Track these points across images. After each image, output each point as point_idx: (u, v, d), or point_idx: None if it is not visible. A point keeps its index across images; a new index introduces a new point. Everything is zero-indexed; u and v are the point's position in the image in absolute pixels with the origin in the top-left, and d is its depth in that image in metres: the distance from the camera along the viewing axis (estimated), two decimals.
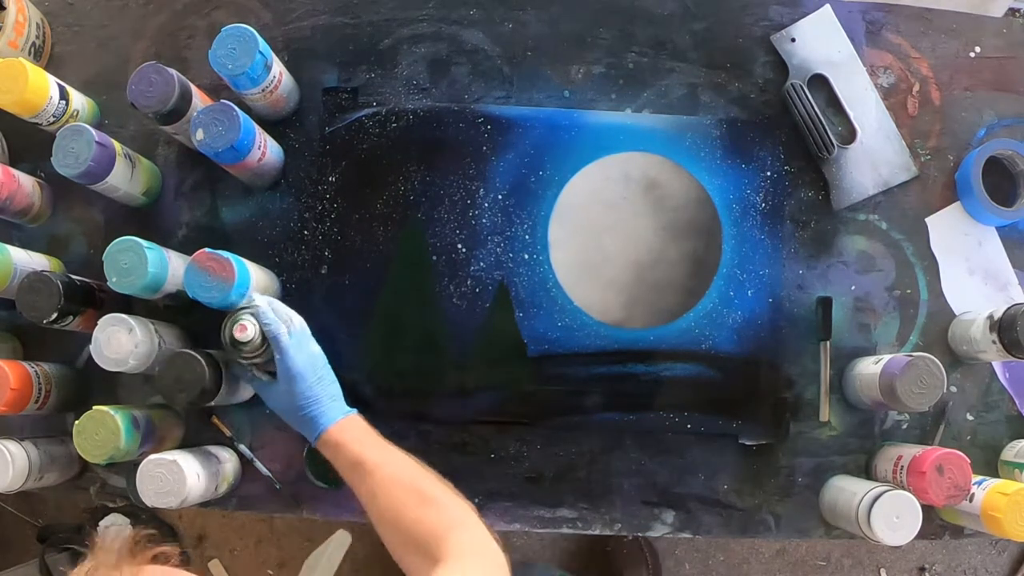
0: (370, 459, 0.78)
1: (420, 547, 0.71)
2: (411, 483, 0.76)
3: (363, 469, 0.77)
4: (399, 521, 0.74)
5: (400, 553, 0.74)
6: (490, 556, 0.72)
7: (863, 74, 1.02)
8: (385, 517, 0.75)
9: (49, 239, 1.00)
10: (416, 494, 0.75)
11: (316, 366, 0.83)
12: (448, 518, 0.73)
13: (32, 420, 0.97)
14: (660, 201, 0.99)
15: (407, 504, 0.74)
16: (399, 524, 0.74)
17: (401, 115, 1.00)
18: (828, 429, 0.97)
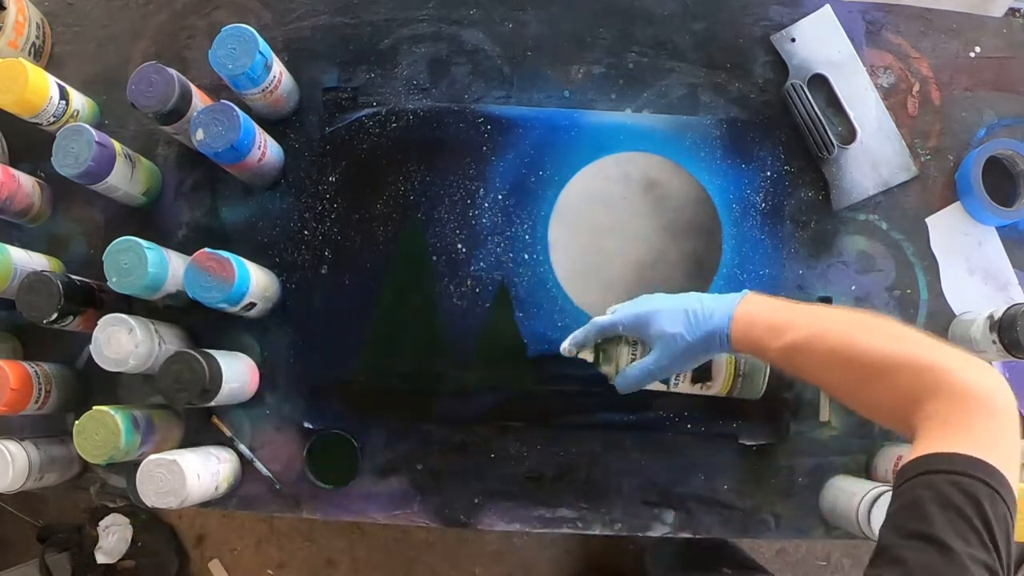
0: (797, 340, 0.68)
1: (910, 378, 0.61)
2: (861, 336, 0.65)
3: (800, 352, 0.68)
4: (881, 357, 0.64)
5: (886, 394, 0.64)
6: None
7: (863, 74, 1.02)
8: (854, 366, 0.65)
9: (49, 239, 1.00)
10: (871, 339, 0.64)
11: (654, 323, 0.76)
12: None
13: (32, 420, 0.97)
14: (660, 201, 0.99)
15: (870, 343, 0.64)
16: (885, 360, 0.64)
17: (401, 115, 1.00)
18: (828, 429, 0.97)
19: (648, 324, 0.78)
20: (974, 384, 0.59)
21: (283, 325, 0.98)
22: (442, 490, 0.97)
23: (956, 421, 0.58)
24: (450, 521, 0.97)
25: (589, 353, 0.85)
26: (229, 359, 0.90)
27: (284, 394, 0.98)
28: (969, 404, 0.58)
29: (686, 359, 0.78)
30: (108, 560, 1.63)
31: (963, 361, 0.61)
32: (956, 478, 0.54)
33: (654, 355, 0.78)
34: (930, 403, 0.59)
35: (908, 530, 0.53)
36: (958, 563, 0.50)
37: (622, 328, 0.81)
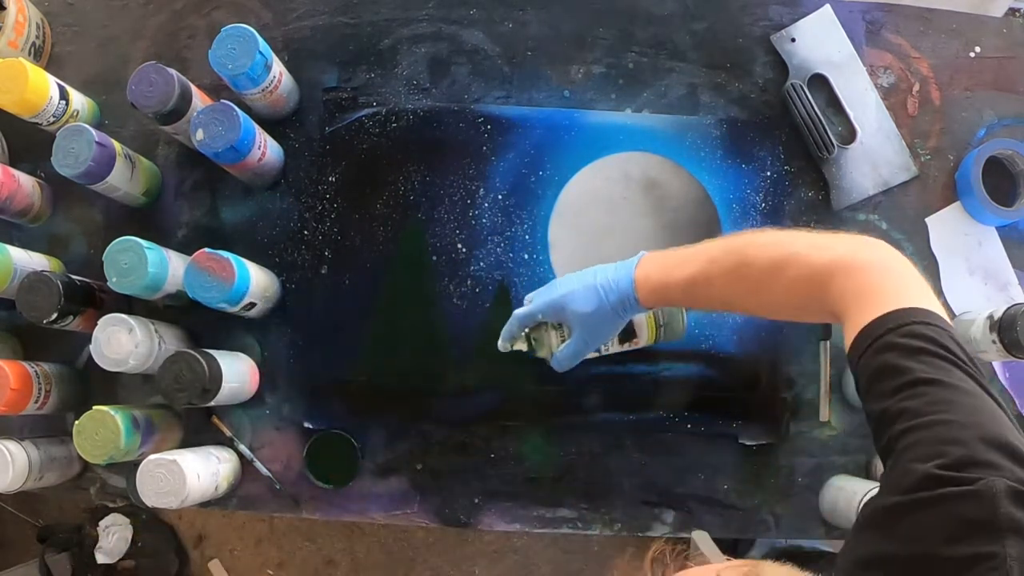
0: (693, 270, 0.73)
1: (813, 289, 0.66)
2: (753, 259, 0.70)
3: (697, 282, 0.73)
4: (774, 288, 0.69)
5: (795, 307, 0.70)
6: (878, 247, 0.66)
7: (863, 74, 1.02)
8: (757, 296, 0.71)
9: (49, 239, 1.00)
10: (769, 262, 0.69)
11: (567, 301, 0.80)
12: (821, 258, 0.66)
13: (32, 420, 0.97)
14: (660, 201, 0.99)
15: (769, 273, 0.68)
16: (776, 289, 0.69)
17: (401, 115, 1.00)
18: (828, 429, 0.97)
19: (563, 308, 0.81)
20: (863, 257, 0.64)
21: (283, 325, 0.98)
22: (442, 490, 0.97)
23: (867, 290, 0.62)
24: (450, 521, 0.97)
25: (522, 343, 0.87)
26: (229, 359, 0.90)
27: (284, 394, 0.98)
28: (869, 273, 0.63)
29: (607, 330, 0.82)
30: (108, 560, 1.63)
31: (843, 243, 0.67)
32: (902, 331, 0.57)
33: (577, 335, 0.82)
34: (834, 284, 0.64)
35: (892, 388, 0.55)
36: (953, 386, 0.53)
37: (541, 316, 0.84)
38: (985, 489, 0.46)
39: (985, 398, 0.53)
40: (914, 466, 0.49)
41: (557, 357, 0.85)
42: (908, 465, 0.50)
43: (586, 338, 0.82)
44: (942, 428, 0.50)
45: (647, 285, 0.77)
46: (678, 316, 0.88)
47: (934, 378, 0.54)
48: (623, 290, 0.78)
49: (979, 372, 0.55)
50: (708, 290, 0.73)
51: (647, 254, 0.79)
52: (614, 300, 0.78)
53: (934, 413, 0.52)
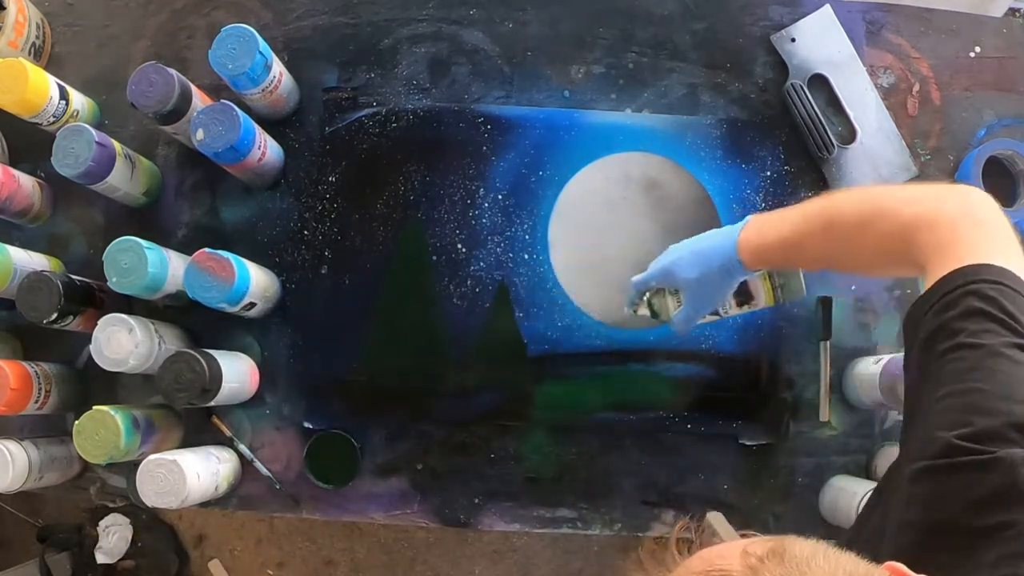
0: (787, 232, 0.73)
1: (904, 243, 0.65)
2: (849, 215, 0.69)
3: (791, 243, 0.73)
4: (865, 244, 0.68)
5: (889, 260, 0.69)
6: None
7: (863, 74, 1.02)
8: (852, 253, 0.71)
9: (49, 239, 1.00)
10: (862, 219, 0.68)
11: (679, 269, 0.81)
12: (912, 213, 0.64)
13: (32, 420, 0.97)
14: (660, 201, 0.99)
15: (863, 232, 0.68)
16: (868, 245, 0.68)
17: (401, 115, 1.00)
18: (828, 429, 0.97)
19: (672, 275, 0.82)
20: (949, 209, 0.62)
21: (283, 325, 0.98)
22: (442, 490, 0.97)
23: (949, 244, 0.60)
24: (450, 521, 0.97)
25: (645, 308, 0.88)
26: (229, 359, 0.90)
27: (284, 394, 0.98)
28: (952, 225, 0.61)
29: (716, 294, 0.82)
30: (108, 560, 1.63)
31: (931, 194, 0.65)
32: (969, 288, 0.56)
33: (688, 300, 0.83)
34: (919, 238, 0.63)
35: (941, 350, 0.55)
36: (997, 353, 0.52)
37: (655, 283, 0.85)
38: (1005, 457, 0.46)
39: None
40: (939, 434, 0.49)
41: (673, 321, 0.85)
42: (935, 432, 0.50)
43: (696, 302, 0.83)
44: (975, 397, 0.50)
45: (748, 247, 0.76)
46: (795, 276, 0.87)
47: (981, 343, 0.53)
48: (726, 254, 0.78)
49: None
50: (802, 250, 0.73)
51: (754, 216, 0.79)
52: (718, 264, 0.78)
53: (971, 380, 0.51)
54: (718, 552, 0.44)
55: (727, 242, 0.78)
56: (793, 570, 0.39)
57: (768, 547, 0.41)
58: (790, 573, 0.39)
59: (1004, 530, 0.44)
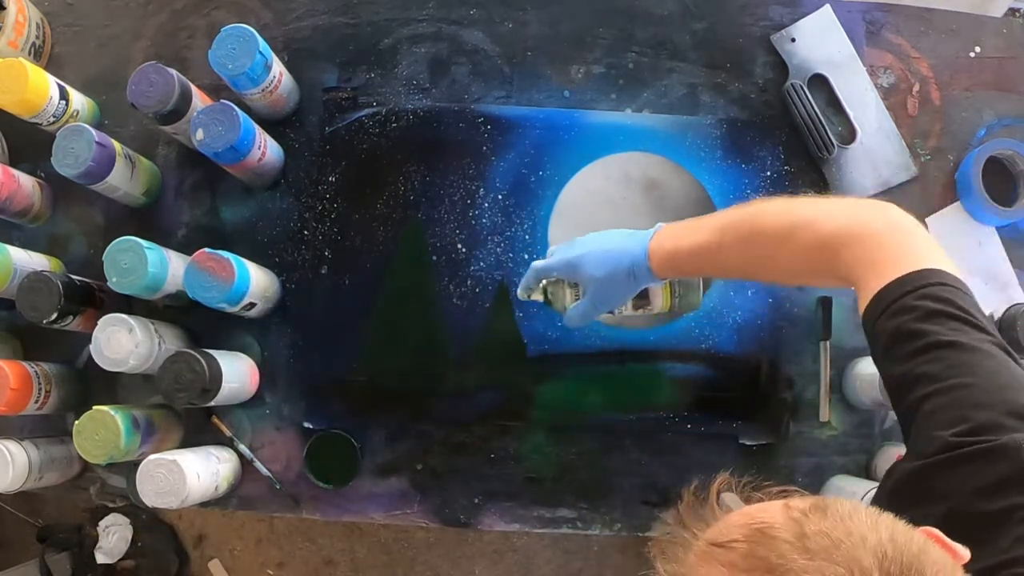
0: (704, 240, 0.73)
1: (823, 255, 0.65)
2: (767, 224, 0.69)
3: (708, 251, 0.73)
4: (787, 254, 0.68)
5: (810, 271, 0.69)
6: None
7: (863, 74, 1.02)
8: (769, 262, 0.71)
9: (49, 239, 1.00)
10: (783, 228, 0.68)
11: (585, 264, 0.80)
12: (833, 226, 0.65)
13: (32, 420, 0.97)
14: (660, 201, 0.99)
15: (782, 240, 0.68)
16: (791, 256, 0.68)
17: (401, 115, 1.00)
18: (828, 429, 0.97)
19: (577, 269, 0.81)
20: (872, 222, 0.63)
21: (283, 325, 0.98)
22: (442, 490, 0.97)
23: (879, 255, 0.61)
24: (450, 521, 0.97)
25: (539, 294, 0.87)
26: (229, 359, 0.90)
27: (284, 394, 0.98)
28: (879, 238, 0.62)
29: (619, 295, 0.81)
30: (108, 560, 1.63)
31: (851, 208, 0.66)
32: (917, 293, 0.57)
33: (588, 296, 0.82)
34: (845, 252, 0.63)
35: (909, 352, 0.55)
36: (972, 348, 0.53)
37: (556, 273, 0.84)
38: (1010, 442, 0.47)
39: (1004, 358, 0.53)
40: (938, 433, 0.50)
41: (568, 315, 0.85)
42: (932, 432, 0.50)
43: (597, 300, 0.82)
44: (963, 393, 0.51)
45: (659, 254, 0.76)
46: (695, 287, 0.87)
47: (952, 340, 0.53)
48: (636, 258, 0.77)
49: (995, 331, 0.55)
50: (718, 258, 0.73)
51: (664, 225, 0.79)
52: (627, 267, 0.78)
53: (954, 377, 0.52)
54: (759, 507, 0.44)
55: (637, 247, 0.77)
56: (837, 524, 0.39)
57: (810, 503, 0.42)
58: (834, 527, 0.39)
59: (1017, 511, 0.45)
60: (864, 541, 0.38)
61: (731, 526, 0.44)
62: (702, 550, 0.44)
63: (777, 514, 0.42)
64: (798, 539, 0.39)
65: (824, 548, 0.39)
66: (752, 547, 0.41)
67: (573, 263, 0.81)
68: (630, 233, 0.80)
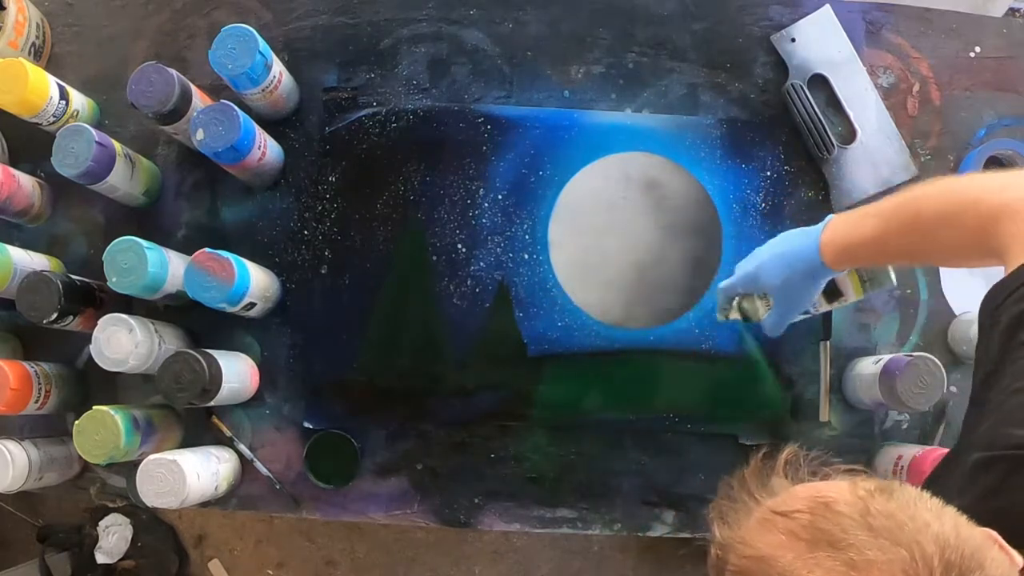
0: (870, 228, 0.72)
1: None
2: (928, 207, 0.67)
3: (876, 240, 0.71)
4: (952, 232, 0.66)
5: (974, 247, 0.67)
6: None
7: (863, 74, 1.02)
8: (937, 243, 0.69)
9: (49, 239, 1.00)
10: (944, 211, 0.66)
11: (764, 275, 0.81)
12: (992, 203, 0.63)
13: (32, 420, 0.97)
14: (660, 201, 0.99)
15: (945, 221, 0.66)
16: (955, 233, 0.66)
17: (401, 115, 1.00)
18: (828, 429, 0.97)
19: (757, 281, 0.82)
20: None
21: (283, 325, 0.98)
22: (442, 490, 0.97)
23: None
24: (450, 521, 0.97)
25: (736, 313, 0.88)
26: (229, 359, 0.90)
27: (284, 394, 0.98)
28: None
29: (803, 296, 0.81)
30: (108, 560, 1.63)
31: (1017, 182, 0.63)
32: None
33: (776, 304, 0.83)
34: (1002, 227, 0.60)
35: (1021, 340, 0.53)
36: None
37: (741, 289, 0.85)
38: None
39: None
40: (1010, 430, 0.49)
41: (764, 326, 0.85)
42: (1005, 428, 0.49)
43: (785, 307, 0.82)
44: None
45: (831, 249, 0.75)
46: (883, 268, 0.85)
47: None
48: (809, 257, 0.77)
49: None
50: (887, 247, 0.72)
51: (834, 217, 0.77)
52: (802, 268, 0.77)
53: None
54: (826, 483, 0.44)
55: (809, 245, 0.77)
56: (903, 507, 0.40)
57: (876, 484, 0.42)
58: (900, 509, 0.40)
59: None
60: (928, 527, 0.39)
61: (796, 497, 0.44)
62: (764, 517, 0.45)
63: (844, 491, 0.42)
64: (862, 516, 0.40)
65: (888, 528, 0.39)
66: (815, 519, 0.41)
67: (752, 275, 0.82)
68: (802, 231, 0.80)
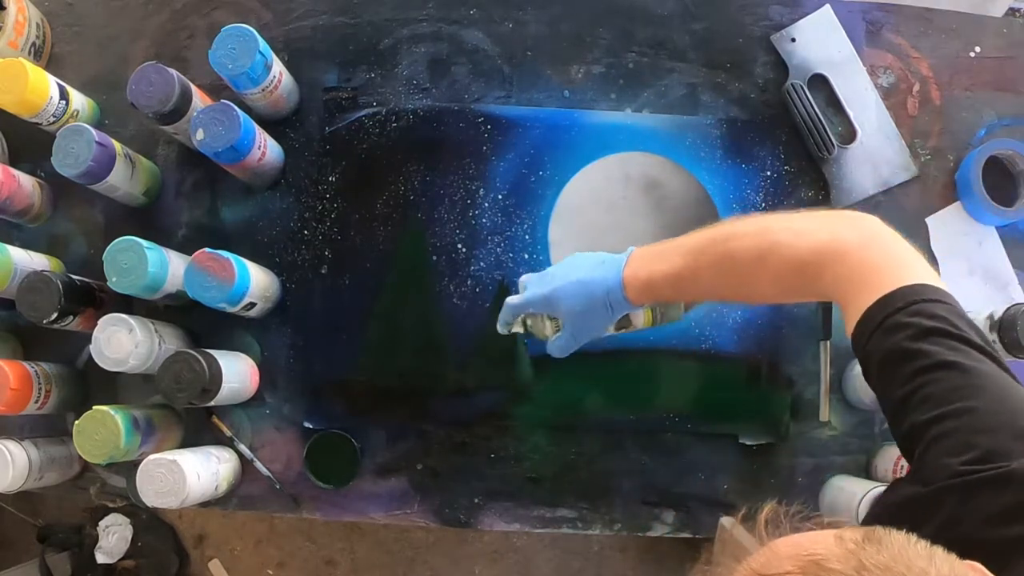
0: (679, 267, 0.71)
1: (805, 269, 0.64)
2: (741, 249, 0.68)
3: (683, 278, 0.71)
4: (770, 274, 0.67)
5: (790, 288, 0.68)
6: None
7: (863, 74, 1.02)
8: (745, 286, 0.70)
9: (49, 239, 1.00)
10: (758, 252, 0.66)
11: (561, 297, 0.79)
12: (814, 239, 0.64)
13: (32, 420, 0.97)
14: (660, 201, 0.99)
15: (758, 264, 0.66)
16: (773, 275, 0.67)
17: (401, 115, 1.00)
18: (828, 429, 0.97)
19: (552, 304, 0.80)
20: (851, 237, 0.62)
21: (283, 325, 0.98)
22: (442, 490, 0.97)
23: (863, 272, 0.60)
24: (450, 521, 0.97)
25: (519, 327, 0.86)
26: (229, 359, 0.90)
27: (284, 394, 0.98)
28: (860, 253, 0.61)
29: (597, 325, 0.80)
30: (108, 560, 1.63)
31: (826, 223, 0.65)
32: (909, 310, 0.55)
33: (567, 330, 0.81)
34: (826, 272, 0.62)
35: (909, 373, 0.54)
36: (972, 369, 0.52)
37: (532, 309, 0.83)
38: (1018, 469, 0.46)
39: (1005, 378, 0.52)
40: (946, 461, 0.49)
41: (550, 347, 0.84)
42: (940, 460, 0.49)
43: (576, 332, 0.81)
44: (968, 418, 0.50)
45: (634, 283, 0.75)
46: (675, 304, 0.86)
47: (952, 361, 0.52)
48: (611, 289, 0.76)
49: (992, 348, 0.54)
50: (695, 284, 0.72)
51: (636, 250, 0.77)
52: (602, 298, 0.77)
53: (958, 400, 0.51)
54: (808, 537, 0.44)
55: (612, 277, 0.76)
56: (896, 556, 0.39)
57: (862, 533, 0.41)
58: (893, 559, 0.39)
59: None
60: (925, 574, 0.38)
61: (781, 557, 0.43)
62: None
63: (831, 545, 0.41)
64: (856, 572, 0.39)
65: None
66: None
67: (548, 298, 0.80)
68: (601, 260, 0.79)
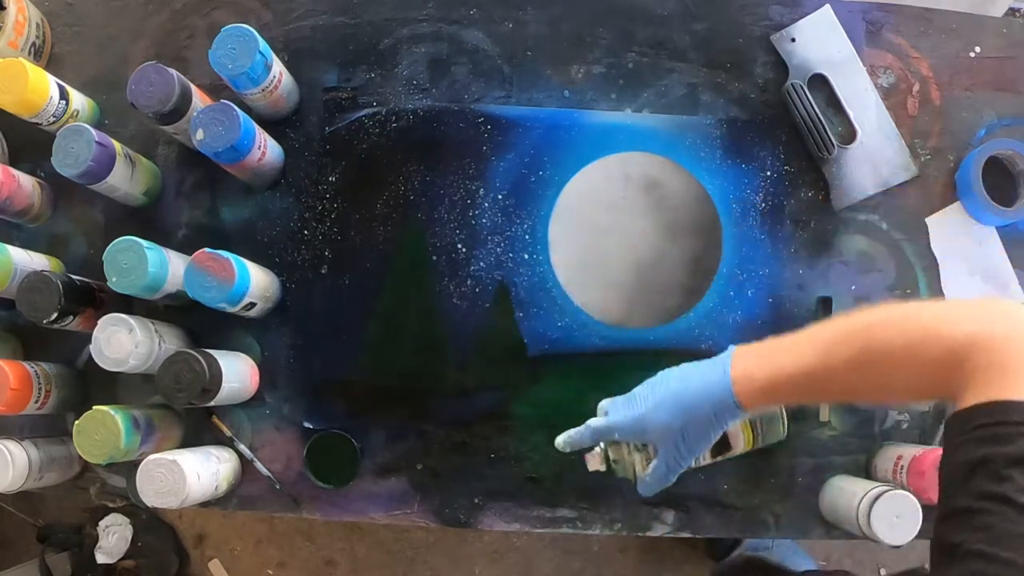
0: (810, 363, 0.63)
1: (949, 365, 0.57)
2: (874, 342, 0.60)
3: (815, 376, 0.63)
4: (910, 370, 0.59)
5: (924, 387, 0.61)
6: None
7: (863, 74, 1.02)
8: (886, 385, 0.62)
9: (49, 239, 1.00)
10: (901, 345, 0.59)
11: (662, 427, 0.70)
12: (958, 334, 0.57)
13: (32, 420, 0.97)
14: (660, 201, 0.99)
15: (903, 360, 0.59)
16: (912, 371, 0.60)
17: (401, 115, 1.00)
18: (828, 429, 0.97)
19: (644, 426, 0.72)
20: (1003, 330, 0.55)
21: (283, 325, 0.98)
22: (442, 490, 0.97)
23: (1002, 364, 0.53)
24: (450, 521, 0.97)
25: (600, 462, 0.79)
26: (229, 359, 0.90)
27: (284, 394, 0.98)
28: (1009, 346, 0.54)
29: (699, 446, 0.71)
30: (108, 560, 1.63)
31: (974, 313, 0.58)
32: (1021, 428, 0.49)
33: (663, 455, 0.72)
34: (969, 362, 0.55)
35: (985, 493, 0.49)
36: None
37: (618, 435, 0.75)
38: None
39: None
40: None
41: (643, 482, 0.75)
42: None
43: (674, 458, 0.72)
44: (1008, 572, 0.46)
45: (750, 386, 0.66)
46: (777, 416, 0.80)
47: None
48: (718, 397, 0.67)
49: None
50: (827, 383, 0.64)
51: (736, 349, 0.68)
52: (707, 410, 0.67)
53: (1011, 550, 0.46)
54: None
55: (716, 380, 0.67)
56: None
57: None
58: None
59: None
60: None
61: None
62: None
63: None
64: None
65: None
66: None
67: (640, 423, 0.71)
68: (694, 366, 0.70)
